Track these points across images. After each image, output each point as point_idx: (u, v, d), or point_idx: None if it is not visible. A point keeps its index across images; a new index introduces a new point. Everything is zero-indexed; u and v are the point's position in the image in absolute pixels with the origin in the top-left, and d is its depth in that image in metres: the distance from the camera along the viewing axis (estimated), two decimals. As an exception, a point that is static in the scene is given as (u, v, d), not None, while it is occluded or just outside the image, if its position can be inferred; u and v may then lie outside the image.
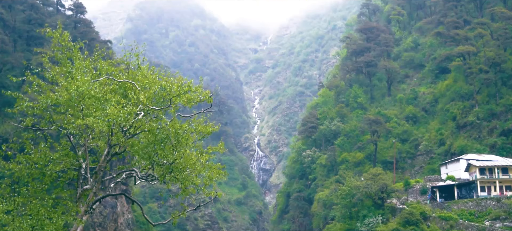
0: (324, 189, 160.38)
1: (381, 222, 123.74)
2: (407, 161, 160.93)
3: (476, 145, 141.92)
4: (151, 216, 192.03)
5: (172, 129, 25.47)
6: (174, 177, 25.94)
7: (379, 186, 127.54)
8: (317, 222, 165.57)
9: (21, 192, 23.74)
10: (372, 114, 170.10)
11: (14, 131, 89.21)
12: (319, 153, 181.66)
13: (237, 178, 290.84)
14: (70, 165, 25.67)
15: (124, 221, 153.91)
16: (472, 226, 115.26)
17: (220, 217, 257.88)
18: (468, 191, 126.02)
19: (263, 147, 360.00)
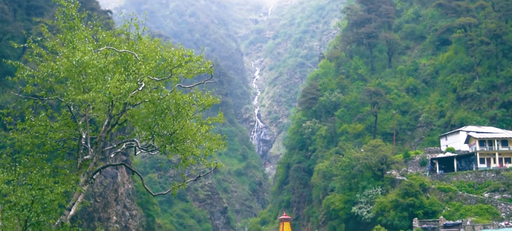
0: (324, 160, 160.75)
1: (380, 193, 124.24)
2: (407, 133, 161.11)
3: (476, 117, 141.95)
4: (151, 186, 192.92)
5: (172, 100, 25.46)
6: (174, 147, 25.97)
7: (378, 157, 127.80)
8: (317, 193, 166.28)
9: (22, 162, 23.78)
10: (373, 85, 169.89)
11: (14, 100, 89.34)
12: (319, 124, 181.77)
13: (237, 149, 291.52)
14: (70, 134, 25.69)
15: (124, 191, 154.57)
16: (471, 197, 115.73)
17: (220, 188, 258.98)
18: (467, 162, 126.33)
19: (263, 118, 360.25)
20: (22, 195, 21.29)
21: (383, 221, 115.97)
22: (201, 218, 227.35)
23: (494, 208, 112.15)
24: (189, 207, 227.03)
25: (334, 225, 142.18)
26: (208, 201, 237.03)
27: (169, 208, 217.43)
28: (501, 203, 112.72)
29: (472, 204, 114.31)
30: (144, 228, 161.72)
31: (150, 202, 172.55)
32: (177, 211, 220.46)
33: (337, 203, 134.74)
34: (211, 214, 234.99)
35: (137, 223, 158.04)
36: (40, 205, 21.16)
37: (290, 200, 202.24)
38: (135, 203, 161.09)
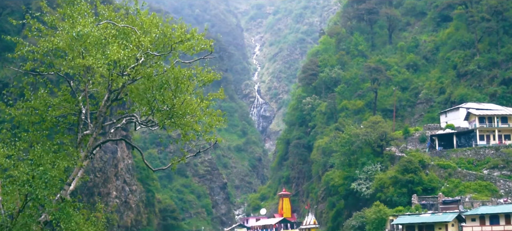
0: (323, 136, 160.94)
1: (379, 169, 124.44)
2: (407, 109, 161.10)
3: (476, 93, 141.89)
4: (151, 161, 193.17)
5: (171, 74, 25.41)
6: (173, 122, 25.95)
7: (378, 133, 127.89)
8: (316, 169, 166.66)
9: (22, 137, 23.81)
10: (373, 62, 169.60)
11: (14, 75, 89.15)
12: (319, 100, 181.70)
13: (237, 124, 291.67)
14: (70, 110, 25.68)
15: (124, 166, 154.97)
16: (470, 174, 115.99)
17: (219, 163, 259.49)
18: (467, 139, 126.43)
19: (263, 94, 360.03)
20: (23, 170, 21.34)
21: (382, 197, 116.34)
22: (201, 193, 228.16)
23: (493, 184, 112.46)
24: (188, 183, 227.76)
25: (333, 201, 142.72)
26: (207, 177, 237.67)
27: (168, 184, 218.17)
28: (500, 180, 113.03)
29: (471, 180, 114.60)
30: (144, 203, 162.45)
31: (150, 177, 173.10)
32: (176, 186, 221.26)
33: (336, 179, 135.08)
34: (211, 189, 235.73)
35: (137, 198, 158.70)
36: (41, 181, 21.21)
37: (290, 176, 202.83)
38: (135, 178, 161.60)
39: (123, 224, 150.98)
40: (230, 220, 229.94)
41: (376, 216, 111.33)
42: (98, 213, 25.59)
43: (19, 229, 21.44)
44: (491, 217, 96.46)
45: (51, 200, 21.83)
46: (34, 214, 22.00)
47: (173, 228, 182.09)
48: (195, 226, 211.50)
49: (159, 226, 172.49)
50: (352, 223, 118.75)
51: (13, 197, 21.67)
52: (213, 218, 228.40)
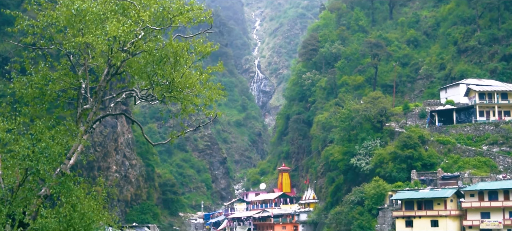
0: (323, 112, 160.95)
1: (379, 145, 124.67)
2: (407, 85, 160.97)
3: (477, 69, 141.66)
4: (151, 136, 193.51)
5: (170, 48, 25.36)
6: (173, 96, 25.96)
7: (378, 109, 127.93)
8: (316, 144, 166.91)
9: (22, 111, 23.82)
10: (373, 37, 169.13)
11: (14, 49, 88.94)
12: (319, 76, 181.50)
13: (237, 99, 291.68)
14: (70, 84, 25.66)
15: (124, 141, 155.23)
16: (470, 150, 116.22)
17: (219, 138, 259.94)
18: (467, 115, 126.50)
19: (263, 69, 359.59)
20: (24, 145, 21.37)
21: (382, 172, 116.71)
22: (201, 168, 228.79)
23: (492, 160, 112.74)
24: (188, 157, 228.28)
25: (333, 176, 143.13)
26: (207, 151, 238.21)
27: (168, 158, 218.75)
28: (499, 156, 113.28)
29: (471, 156, 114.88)
30: (143, 177, 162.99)
31: (149, 152, 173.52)
32: (176, 161, 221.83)
33: (336, 155, 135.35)
34: (210, 164, 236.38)
35: (136, 173, 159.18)
36: (42, 155, 21.26)
37: (289, 151, 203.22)
38: (135, 152, 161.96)
39: (123, 198, 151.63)
40: (229, 194, 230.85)
41: (375, 191, 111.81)
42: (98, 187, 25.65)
43: (19, 203, 21.53)
44: (489, 192, 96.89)
45: (51, 174, 21.89)
46: (34, 188, 22.08)
47: (173, 202, 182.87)
48: (195, 201, 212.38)
49: (159, 200, 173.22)
50: (351, 198, 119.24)
51: (13, 171, 21.73)
52: (213, 193, 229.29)
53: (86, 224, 22.26)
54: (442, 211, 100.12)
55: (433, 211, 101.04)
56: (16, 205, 21.40)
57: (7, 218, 21.04)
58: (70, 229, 21.73)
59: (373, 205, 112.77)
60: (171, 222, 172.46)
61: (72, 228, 21.77)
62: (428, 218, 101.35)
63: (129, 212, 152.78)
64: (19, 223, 21.23)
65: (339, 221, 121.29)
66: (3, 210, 20.85)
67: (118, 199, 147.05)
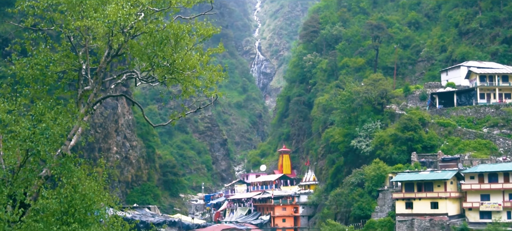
0: (324, 94, 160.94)
1: (380, 127, 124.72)
2: (408, 67, 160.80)
3: (478, 52, 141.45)
4: (151, 117, 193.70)
5: (171, 30, 25.30)
6: (174, 78, 25.95)
7: (379, 91, 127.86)
8: (316, 126, 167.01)
9: (23, 92, 23.81)
10: (374, 19, 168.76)
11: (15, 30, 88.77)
12: (320, 58, 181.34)
13: (237, 81, 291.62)
14: (71, 65, 25.63)
15: (124, 122, 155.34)
16: (470, 132, 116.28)
17: (220, 120, 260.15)
18: (467, 98, 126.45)
19: (264, 51, 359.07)
20: (25, 126, 21.39)
21: (382, 154, 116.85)
22: (201, 149, 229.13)
23: (493, 143, 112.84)
24: (189, 139, 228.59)
25: (333, 158, 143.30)
26: (208, 133, 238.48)
27: (169, 140, 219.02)
28: (499, 138, 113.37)
29: (471, 139, 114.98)
30: (144, 158, 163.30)
31: (150, 133, 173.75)
32: (177, 142, 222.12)
33: (336, 136, 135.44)
34: (211, 145, 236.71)
35: (137, 154, 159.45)
36: (43, 136, 21.29)
37: (290, 133, 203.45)
38: (135, 134, 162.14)
39: (124, 179, 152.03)
40: (230, 176, 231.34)
41: (376, 173, 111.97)
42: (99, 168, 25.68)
43: (20, 184, 21.57)
44: (489, 175, 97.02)
45: (52, 156, 21.93)
46: (35, 169, 22.11)
47: (174, 184, 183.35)
48: (195, 182, 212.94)
49: (160, 182, 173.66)
50: (351, 180, 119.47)
51: (14, 152, 21.76)
52: (213, 174, 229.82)
53: (87, 205, 22.31)
54: (442, 193, 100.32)
55: (433, 193, 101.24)
56: (17, 186, 21.45)
57: (8, 199, 21.10)
58: (71, 210, 21.79)
59: (373, 187, 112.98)
60: (171, 203, 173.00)
61: (73, 208, 21.84)
62: (428, 200, 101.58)
63: (130, 193, 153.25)
64: (20, 204, 21.30)
65: (339, 203, 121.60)
66: (4, 190, 20.91)
67: (119, 180, 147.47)
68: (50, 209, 21.49)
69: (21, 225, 20.45)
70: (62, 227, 21.11)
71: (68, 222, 21.40)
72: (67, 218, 21.59)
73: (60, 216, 21.64)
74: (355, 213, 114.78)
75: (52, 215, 21.52)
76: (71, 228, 21.07)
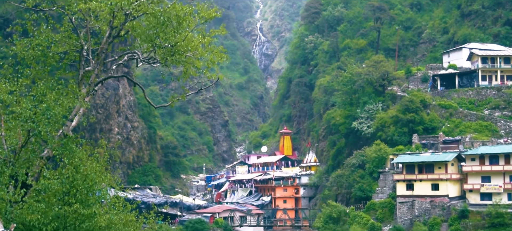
0: (325, 75, 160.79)
1: (381, 109, 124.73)
2: (409, 49, 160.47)
3: (480, 34, 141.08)
4: (152, 98, 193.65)
5: (173, 11, 25.23)
6: (176, 59, 25.90)
7: (380, 73, 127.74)
8: (318, 108, 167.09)
9: (24, 73, 23.82)
10: (376, 0, 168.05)
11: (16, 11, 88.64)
12: (321, 39, 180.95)
13: (239, 62, 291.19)
14: (72, 46, 25.59)
15: (126, 103, 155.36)
16: (471, 114, 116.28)
17: (221, 101, 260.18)
18: (469, 79, 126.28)
19: (265, 32, 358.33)
20: (26, 106, 21.42)
21: (383, 136, 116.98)
22: (202, 130, 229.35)
23: (494, 125, 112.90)
24: (190, 120, 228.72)
25: (334, 139, 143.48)
26: (209, 114, 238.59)
27: (170, 121, 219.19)
28: (500, 120, 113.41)
29: (472, 121, 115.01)
30: (145, 139, 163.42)
31: (151, 114, 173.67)
32: (178, 123, 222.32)
33: (337, 118, 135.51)
34: (212, 127, 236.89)
35: (138, 135, 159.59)
36: (44, 117, 21.31)
37: (291, 114, 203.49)
38: (137, 115, 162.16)
39: (125, 160, 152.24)
40: (231, 157, 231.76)
41: (377, 155, 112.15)
42: (100, 149, 25.72)
43: (22, 164, 21.63)
44: (490, 157, 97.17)
45: (53, 136, 21.96)
46: (36, 149, 22.16)
47: (175, 165, 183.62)
48: (197, 163, 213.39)
49: (161, 163, 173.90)
50: (352, 162, 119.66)
51: (15, 133, 21.81)
52: (215, 155, 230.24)
53: (89, 185, 22.38)
54: (443, 174, 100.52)
55: (434, 174, 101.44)
56: (19, 166, 21.51)
57: (10, 179, 21.17)
58: (72, 191, 21.86)
59: (374, 168, 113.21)
60: (173, 184, 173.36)
61: (75, 189, 21.91)
62: (428, 182, 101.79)
63: (131, 174, 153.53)
64: (22, 184, 21.37)
65: (340, 184, 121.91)
66: (6, 171, 20.97)
67: (120, 161, 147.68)
68: (51, 190, 21.57)
69: (23, 205, 20.54)
70: (63, 207, 21.21)
71: (69, 203, 21.49)
72: (69, 198, 21.68)
73: (62, 197, 21.73)
74: (356, 194, 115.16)
75: (53, 195, 21.61)
76: (73, 209, 21.17)
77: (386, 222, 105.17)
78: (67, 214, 21.21)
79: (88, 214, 21.61)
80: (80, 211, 21.25)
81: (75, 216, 21.37)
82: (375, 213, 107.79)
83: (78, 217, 21.48)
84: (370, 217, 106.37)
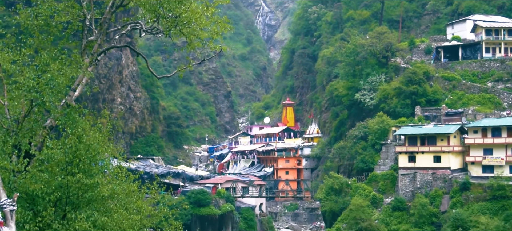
0: (328, 47, 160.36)
1: (384, 80, 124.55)
2: (413, 20, 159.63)
3: (484, 5, 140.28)
4: (155, 69, 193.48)
5: (177, -18, 25.09)
6: (179, 30, 25.80)
7: (384, 44, 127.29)
8: (321, 79, 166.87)
9: (27, 43, 23.74)
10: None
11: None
12: (325, 10, 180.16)
13: (242, 33, 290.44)
14: (75, 16, 25.50)
15: (128, 73, 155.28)
16: (475, 86, 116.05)
17: (224, 72, 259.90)
18: (472, 51, 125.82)
19: (268, 2, 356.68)
20: (29, 76, 21.39)
21: (386, 108, 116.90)
22: (205, 101, 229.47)
23: (497, 97, 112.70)
24: (193, 90, 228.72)
25: (337, 111, 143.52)
26: (212, 85, 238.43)
27: (173, 91, 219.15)
28: (504, 93, 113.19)
29: (475, 93, 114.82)
30: (148, 110, 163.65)
31: (154, 84, 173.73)
32: (181, 94, 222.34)
33: (340, 89, 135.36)
34: (215, 97, 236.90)
35: (141, 105, 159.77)
36: (48, 87, 21.30)
37: (294, 86, 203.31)
38: (140, 85, 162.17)
39: (128, 130, 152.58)
40: (233, 128, 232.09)
41: (379, 127, 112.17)
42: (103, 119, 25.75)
43: (25, 134, 21.68)
44: (493, 129, 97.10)
45: (56, 106, 21.97)
46: (39, 119, 22.19)
47: (177, 135, 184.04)
48: (199, 134, 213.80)
49: (164, 133, 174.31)
50: (355, 133, 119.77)
51: (18, 102, 21.82)
52: (217, 126, 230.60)
53: (92, 155, 22.44)
54: (445, 147, 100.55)
55: (436, 146, 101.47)
56: (22, 135, 21.57)
57: (13, 149, 21.23)
58: (75, 160, 21.93)
59: (376, 140, 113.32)
60: (175, 155, 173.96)
61: (78, 159, 21.97)
62: (431, 154, 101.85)
63: (134, 144, 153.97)
64: (25, 154, 21.43)
65: (342, 156, 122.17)
66: (9, 140, 21.03)
67: (123, 131, 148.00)
68: (54, 159, 21.63)
69: (26, 175, 20.60)
70: (66, 177, 21.29)
71: (72, 172, 21.56)
72: (72, 168, 21.76)
73: (65, 166, 21.80)
74: (358, 166, 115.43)
75: (56, 165, 21.67)
76: (76, 178, 21.24)
77: (388, 194, 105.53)
78: (70, 184, 21.29)
79: (91, 184, 21.70)
80: (83, 181, 21.33)
81: (78, 186, 21.46)
82: (377, 184, 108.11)
83: (81, 186, 21.57)
84: (371, 188, 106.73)
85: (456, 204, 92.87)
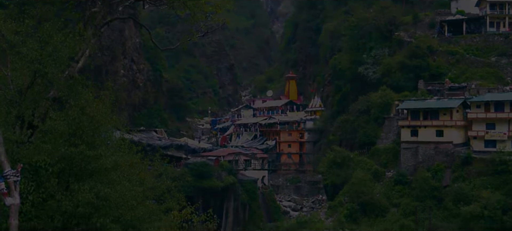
0: (332, 20, 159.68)
1: (387, 54, 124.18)
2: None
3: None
4: (158, 41, 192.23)
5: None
6: (183, 2, 25.68)
7: (387, 18, 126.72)
8: (324, 53, 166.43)
9: (30, 13, 23.66)
10: None
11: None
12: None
13: (245, 6, 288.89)
14: (79, -13, 25.38)
15: (131, 45, 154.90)
16: (478, 61, 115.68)
17: (227, 45, 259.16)
18: (477, 26, 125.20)
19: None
20: (32, 47, 21.34)
21: (389, 82, 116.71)
22: (208, 74, 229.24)
23: (500, 72, 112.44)
24: (196, 63, 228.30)
25: (340, 84, 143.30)
26: (215, 57, 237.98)
27: (176, 63, 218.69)
28: (507, 67, 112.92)
29: (479, 67, 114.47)
30: (151, 82, 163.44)
31: (157, 56, 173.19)
32: (184, 66, 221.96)
33: (343, 63, 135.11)
34: (218, 70, 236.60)
35: (144, 77, 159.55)
36: (51, 58, 21.27)
37: (297, 59, 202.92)
38: (143, 57, 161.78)
39: (131, 102, 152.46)
40: (236, 101, 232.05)
41: (382, 100, 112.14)
42: (106, 91, 25.73)
43: (28, 105, 21.68)
44: (496, 104, 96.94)
45: (59, 77, 21.95)
46: (43, 90, 22.17)
47: (180, 108, 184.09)
48: (202, 106, 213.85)
49: (166, 105, 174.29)
50: (357, 107, 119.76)
51: (22, 73, 21.79)
52: (220, 99, 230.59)
53: (95, 127, 22.49)
54: (447, 121, 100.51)
55: (439, 121, 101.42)
56: (25, 106, 21.57)
57: (17, 120, 21.26)
58: (78, 132, 21.98)
59: (379, 114, 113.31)
60: (178, 127, 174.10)
61: (81, 130, 22.01)
62: (433, 128, 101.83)
63: (137, 116, 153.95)
64: (28, 125, 21.47)
65: (344, 129, 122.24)
66: (13, 111, 21.04)
67: (126, 103, 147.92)
68: (57, 131, 21.68)
69: (29, 146, 20.67)
70: (69, 149, 21.35)
71: (75, 144, 21.61)
72: (75, 139, 21.81)
73: (68, 138, 21.86)
74: (360, 139, 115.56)
75: (60, 136, 21.73)
76: (79, 150, 21.30)
77: (390, 168, 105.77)
78: (73, 155, 21.36)
79: (94, 155, 21.77)
80: (86, 152, 21.39)
81: (81, 157, 21.52)
82: (379, 158, 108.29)
83: (84, 158, 21.63)
84: (373, 162, 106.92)
85: (458, 178, 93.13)
